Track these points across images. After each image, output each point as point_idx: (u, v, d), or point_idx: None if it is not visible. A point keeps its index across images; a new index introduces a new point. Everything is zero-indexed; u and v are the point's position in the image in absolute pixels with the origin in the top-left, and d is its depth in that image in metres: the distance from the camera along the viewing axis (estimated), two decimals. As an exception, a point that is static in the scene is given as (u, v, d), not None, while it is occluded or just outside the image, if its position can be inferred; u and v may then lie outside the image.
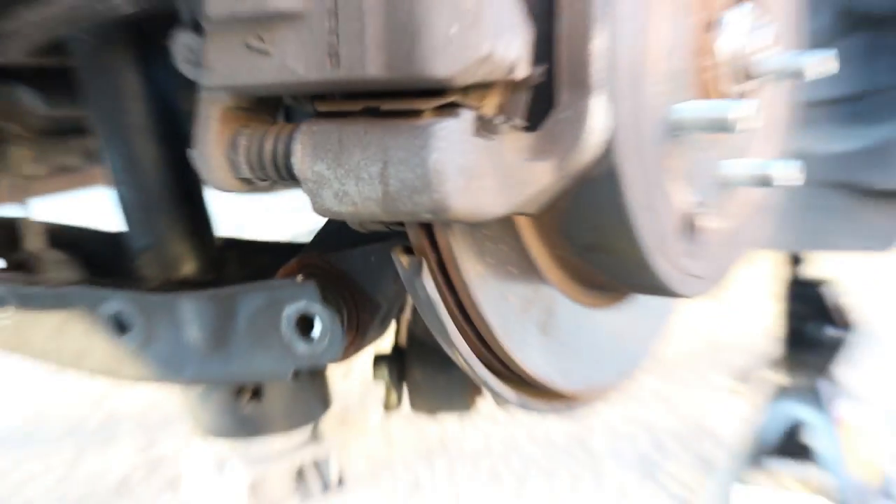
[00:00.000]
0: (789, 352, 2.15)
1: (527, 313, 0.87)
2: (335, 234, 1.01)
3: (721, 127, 0.82)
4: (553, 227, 0.83)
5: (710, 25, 0.90)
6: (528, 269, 0.86)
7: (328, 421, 3.04)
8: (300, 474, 1.25)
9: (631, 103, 0.75)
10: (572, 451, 2.74)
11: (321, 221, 1.04)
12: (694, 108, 0.82)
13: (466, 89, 0.67)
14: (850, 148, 1.60)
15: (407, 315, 1.21)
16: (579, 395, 0.98)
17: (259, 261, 1.05)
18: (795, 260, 2.17)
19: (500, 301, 0.82)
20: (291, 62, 0.67)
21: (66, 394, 3.42)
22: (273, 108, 0.75)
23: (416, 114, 0.65)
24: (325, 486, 1.24)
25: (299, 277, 0.94)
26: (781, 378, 2.16)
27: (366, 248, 0.96)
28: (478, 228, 0.78)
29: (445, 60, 0.62)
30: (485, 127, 0.67)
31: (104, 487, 2.62)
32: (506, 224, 0.81)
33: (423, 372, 1.21)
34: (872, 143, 1.58)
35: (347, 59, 0.64)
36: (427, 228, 0.75)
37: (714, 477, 2.28)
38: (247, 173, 0.75)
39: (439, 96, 0.63)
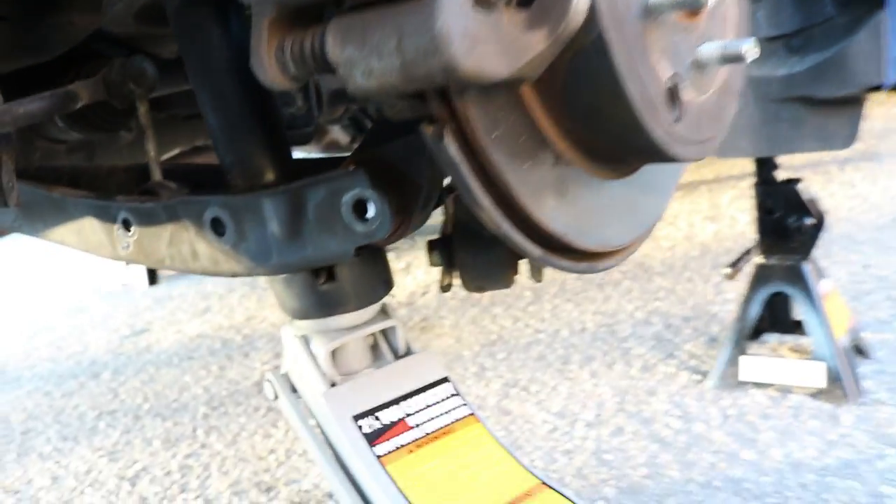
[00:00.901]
0: (774, 241, 2.25)
1: (541, 178, 0.85)
2: (381, 133, 1.00)
3: (692, 4, 0.78)
4: (555, 98, 0.82)
5: None
6: (538, 139, 0.84)
7: (412, 329, 3.11)
8: (373, 345, 1.25)
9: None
10: (604, 338, 2.78)
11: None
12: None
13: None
14: (795, 70, 1.92)
15: (451, 204, 1.20)
16: (596, 252, 0.95)
17: (325, 169, 1.04)
18: (771, 166, 2.30)
19: (516, 165, 0.80)
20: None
21: (217, 322, 3.74)
22: (312, 16, 0.74)
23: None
24: (395, 354, 1.23)
25: (352, 167, 0.93)
26: (769, 263, 2.27)
27: (405, 139, 0.94)
28: (489, 100, 0.76)
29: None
30: (483, 2, 0.65)
31: (244, 388, 2.84)
32: (513, 97, 0.78)
33: (469, 253, 1.20)
34: (813, 64, 1.88)
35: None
36: (446, 101, 0.73)
37: (721, 350, 2.26)
38: (293, 70, 0.74)
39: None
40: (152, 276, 4.66)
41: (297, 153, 1.30)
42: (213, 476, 2.15)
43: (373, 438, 1.15)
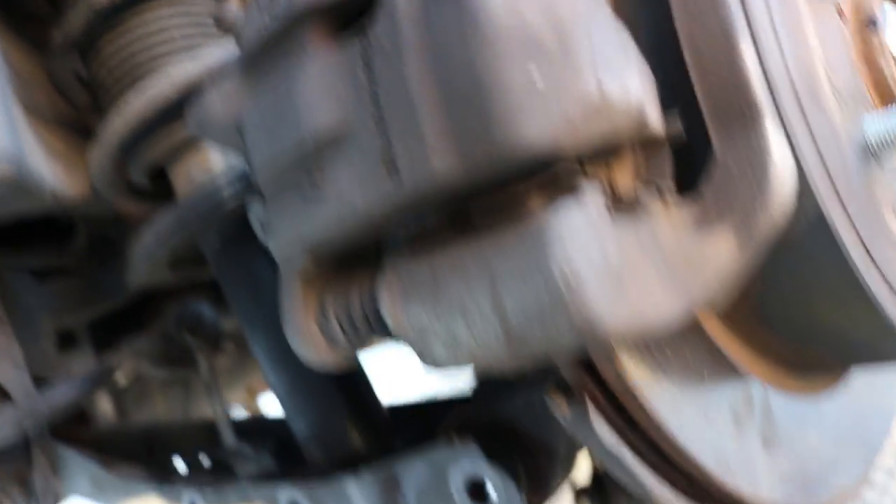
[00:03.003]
0: None
1: (741, 428, 0.54)
2: (490, 388, 0.72)
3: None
4: (744, 313, 0.51)
5: (868, 23, 0.58)
6: (724, 370, 0.53)
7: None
8: None
9: (816, 125, 0.43)
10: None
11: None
12: (888, 118, 0.49)
13: (583, 160, 0.37)
14: None
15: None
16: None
17: (423, 422, 0.77)
18: None
19: (704, 425, 0.51)
20: (347, 193, 0.40)
21: None
22: (356, 259, 0.48)
23: (518, 207, 0.36)
24: None
25: (455, 438, 0.64)
26: None
27: (528, 391, 0.66)
28: (654, 349, 0.47)
29: (536, 118, 0.32)
30: (621, 203, 0.37)
31: None
32: (692, 334, 0.49)
33: (627, 498, 0.87)
34: None
35: (408, 164, 0.37)
36: (586, 368, 0.45)
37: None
38: (343, 341, 0.47)
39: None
40: None
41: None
42: None
43: None
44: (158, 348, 1.10)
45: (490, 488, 0.66)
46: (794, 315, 0.53)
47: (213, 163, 0.85)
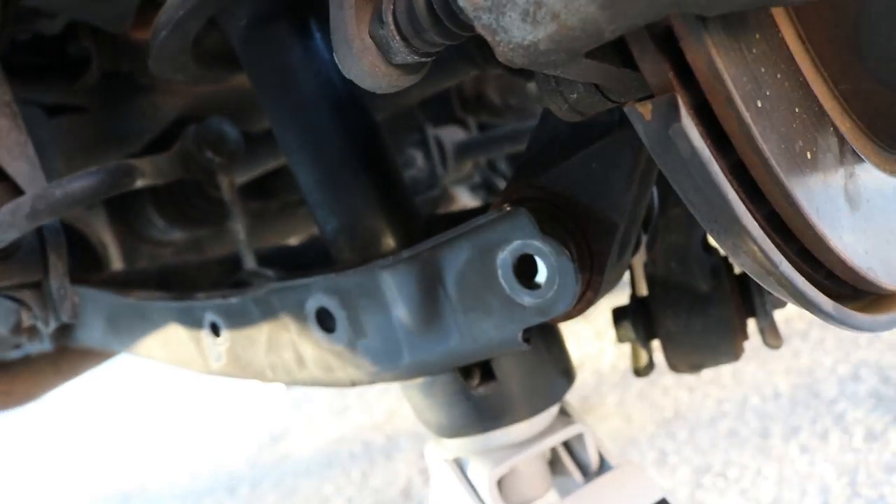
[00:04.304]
0: None
1: (829, 176, 0.48)
2: (541, 153, 0.65)
3: None
4: (839, 36, 0.45)
5: None
6: (814, 111, 0.47)
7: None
8: (554, 462, 0.88)
9: None
10: (805, 402, 2.29)
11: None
12: None
13: None
14: None
15: (641, 255, 0.83)
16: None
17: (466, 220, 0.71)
18: None
19: (794, 156, 0.44)
20: None
21: (356, 422, 3.38)
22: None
23: None
24: (584, 471, 0.86)
25: (507, 208, 0.58)
26: None
27: (583, 153, 0.59)
28: (742, 43, 0.40)
29: None
30: None
31: (389, 497, 2.48)
32: (774, 40, 0.43)
33: (676, 319, 0.83)
34: None
35: None
36: (671, 54, 0.38)
37: None
38: (402, 51, 0.40)
39: None
40: (288, 376, 4.46)
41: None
42: None
43: None
44: (177, 167, 1.04)
45: (541, 264, 0.60)
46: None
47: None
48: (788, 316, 2.83)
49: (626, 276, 0.90)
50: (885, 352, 2.45)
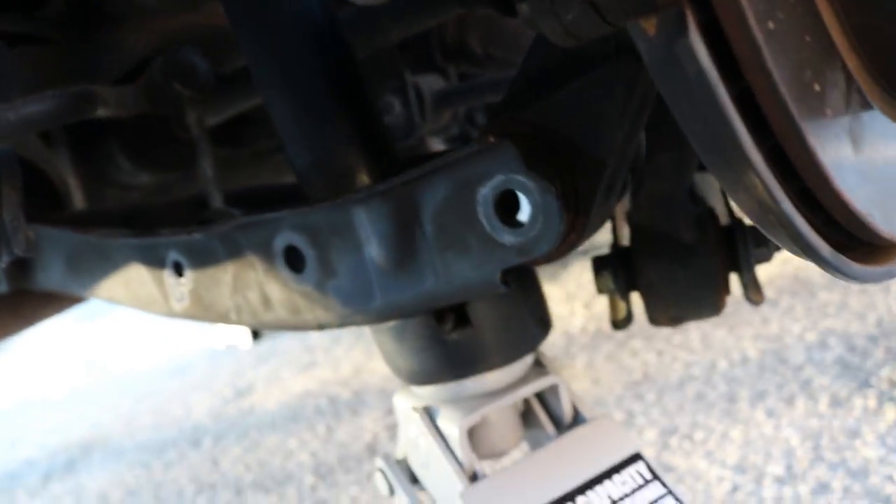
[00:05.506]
0: None
1: (836, 113, 0.45)
2: (529, 85, 0.61)
3: None
4: None
5: None
6: (824, 42, 0.44)
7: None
8: (527, 414, 0.86)
9: None
10: (773, 367, 2.33)
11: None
12: None
13: None
14: None
15: (624, 203, 0.80)
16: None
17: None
18: None
19: (803, 87, 0.41)
20: None
21: (322, 377, 3.37)
22: None
23: None
24: (558, 424, 0.84)
25: (490, 138, 0.55)
26: None
27: (573, 85, 0.56)
28: None
29: None
30: None
31: (354, 452, 2.48)
32: None
33: (658, 270, 0.80)
34: None
35: None
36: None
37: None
38: None
39: None
40: (255, 331, 4.43)
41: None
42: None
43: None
44: (143, 99, 0.99)
45: (524, 201, 0.57)
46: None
47: None
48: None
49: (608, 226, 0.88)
50: (852, 321, 2.47)
